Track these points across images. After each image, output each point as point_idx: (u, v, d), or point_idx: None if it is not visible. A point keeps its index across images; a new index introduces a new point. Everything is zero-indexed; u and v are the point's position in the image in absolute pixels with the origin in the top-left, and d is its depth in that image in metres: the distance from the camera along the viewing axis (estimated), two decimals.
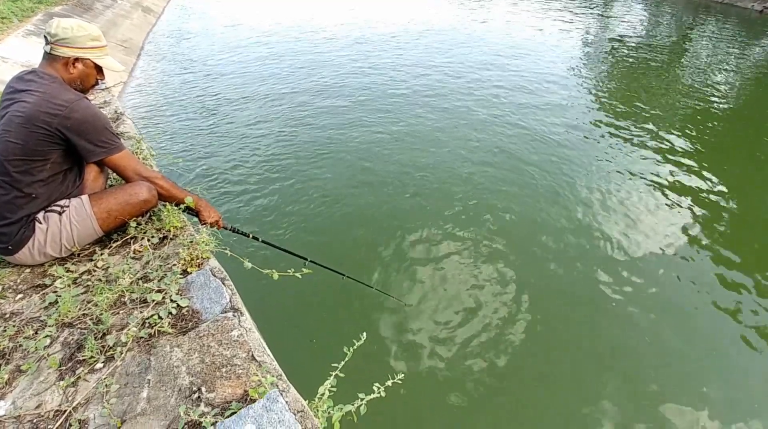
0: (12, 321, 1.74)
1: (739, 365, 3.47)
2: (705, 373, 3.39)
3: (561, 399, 3.18)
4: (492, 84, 9.02)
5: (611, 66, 11.00)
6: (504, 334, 3.60)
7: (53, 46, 1.94)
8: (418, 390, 3.15)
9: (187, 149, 6.37)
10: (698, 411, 3.10)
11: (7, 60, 6.99)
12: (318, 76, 9.29)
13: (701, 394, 3.23)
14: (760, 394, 3.25)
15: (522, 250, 4.49)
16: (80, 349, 1.60)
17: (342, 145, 6.49)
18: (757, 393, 3.26)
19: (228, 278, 1.94)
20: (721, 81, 9.92)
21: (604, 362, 3.46)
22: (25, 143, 1.82)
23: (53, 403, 1.42)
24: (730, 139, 7.28)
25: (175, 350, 1.58)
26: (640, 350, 3.54)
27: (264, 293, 3.70)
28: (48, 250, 1.98)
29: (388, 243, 4.50)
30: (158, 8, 16.23)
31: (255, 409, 1.27)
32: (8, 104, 1.88)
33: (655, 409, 3.10)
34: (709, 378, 3.35)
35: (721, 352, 3.57)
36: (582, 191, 5.45)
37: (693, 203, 5.31)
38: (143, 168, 2.13)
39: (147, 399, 1.42)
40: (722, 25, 15.80)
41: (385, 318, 3.70)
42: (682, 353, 3.52)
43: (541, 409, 3.12)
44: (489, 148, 6.45)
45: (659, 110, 8.09)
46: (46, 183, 1.94)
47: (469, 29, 13.78)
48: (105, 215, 2.05)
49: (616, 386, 3.25)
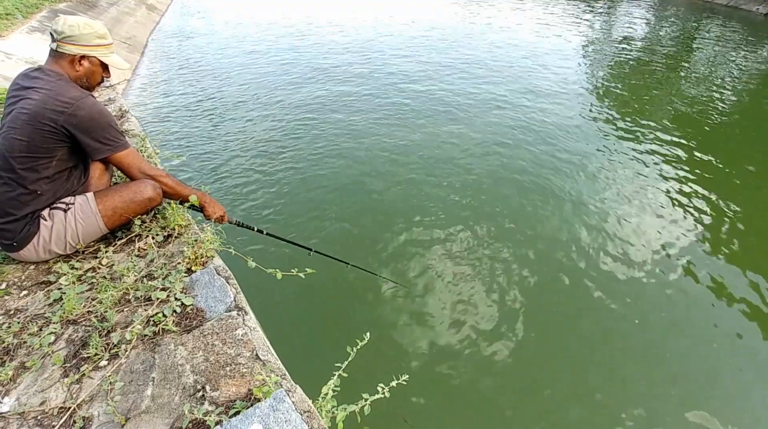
0: (17, 317, 1.74)
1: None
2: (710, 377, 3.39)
3: (565, 400, 3.17)
4: (493, 85, 9.02)
5: (615, 69, 10.98)
6: (510, 335, 3.59)
7: (59, 44, 1.94)
8: (423, 390, 3.15)
9: (191, 146, 6.38)
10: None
11: (11, 56, 7.01)
12: (323, 74, 9.32)
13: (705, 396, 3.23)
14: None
15: (531, 247, 4.50)
16: (85, 347, 1.60)
17: (346, 140, 6.52)
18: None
19: (232, 277, 1.94)
20: (725, 84, 9.90)
21: (608, 361, 3.46)
22: (30, 140, 1.82)
23: (57, 400, 1.43)
24: (734, 142, 7.25)
25: (179, 348, 1.58)
26: (643, 351, 3.55)
27: (268, 292, 3.71)
28: (53, 247, 1.98)
29: (391, 236, 4.55)
30: (162, 6, 16.26)
31: (262, 409, 1.27)
32: (14, 101, 1.88)
33: (660, 412, 3.10)
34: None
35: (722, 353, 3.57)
36: (586, 192, 5.45)
37: (696, 207, 5.29)
38: (148, 166, 2.13)
39: (151, 397, 1.42)
40: (727, 28, 15.76)
41: (391, 317, 3.70)
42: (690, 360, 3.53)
43: (544, 410, 3.11)
44: (490, 146, 6.46)
45: (663, 113, 8.07)
46: (52, 180, 1.94)
47: (473, 31, 13.78)
48: (110, 213, 2.05)
49: (617, 388, 3.25)
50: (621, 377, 3.35)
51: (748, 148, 7.01)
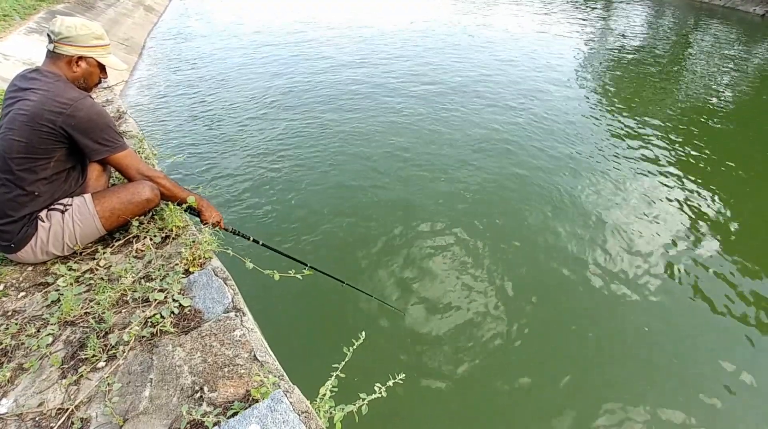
0: (14, 319, 1.74)
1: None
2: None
3: (562, 400, 3.17)
4: (492, 87, 9.04)
5: (612, 70, 11.00)
6: (504, 337, 3.60)
7: (57, 45, 1.94)
8: (419, 390, 3.15)
9: (189, 148, 6.36)
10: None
11: (9, 57, 7.00)
12: (322, 79, 9.23)
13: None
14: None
15: (525, 257, 4.48)
16: (82, 348, 1.60)
17: (346, 148, 6.44)
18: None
19: (230, 278, 1.94)
20: (723, 85, 9.92)
21: (608, 367, 3.47)
22: (28, 141, 1.82)
23: (55, 402, 1.43)
24: (732, 143, 7.27)
25: (177, 349, 1.58)
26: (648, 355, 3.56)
27: (266, 293, 3.70)
28: (50, 248, 1.98)
29: (388, 249, 4.49)
30: (160, 7, 16.25)
31: (260, 410, 1.27)
32: (12, 102, 1.89)
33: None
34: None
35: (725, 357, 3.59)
36: (583, 195, 5.45)
37: (694, 209, 5.31)
38: (146, 167, 2.13)
39: (149, 398, 1.42)
40: (724, 29, 15.80)
41: (386, 318, 3.70)
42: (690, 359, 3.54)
43: (541, 411, 3.12)
44: (489, 152, 6.45)
45: (660, 114, 8.09)
46: (50, 181, 1.94)
47: (472, 33, 13.80)
48: (108, 214, 2.05)
49: (621, 391, 3.26)
50: (624, 379, 3.35)
51: (748, 148, 7.04)
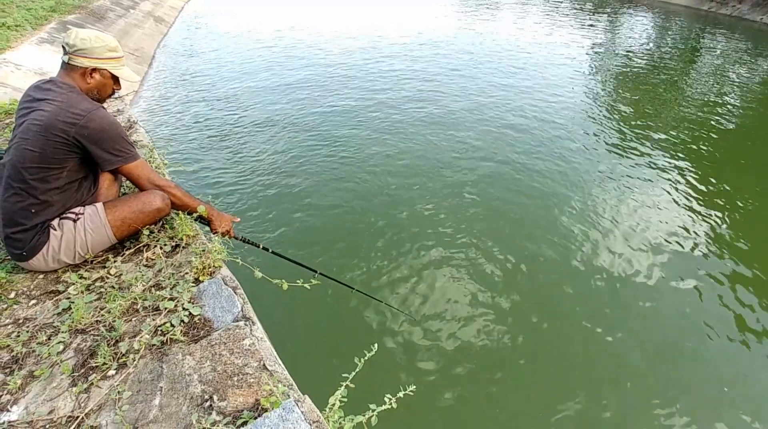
0: (25, 326, 1.76)
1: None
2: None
3: (576, 416, 3.14)
4: (496, 95, 9.06)
5: (618, 79, 11.01)
6: (515, 347, 3.58)
7: (71, 56, 1.98)
8: (430, 402, 3.13)
9: (199, 158, 6.41)
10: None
11: (20, 67, 7.10)
12: (332, 92, 9.22)
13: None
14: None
15: (536, 264, 4.48)
16: (93, 356, 1.61)
17: (355, 161, 6.45)
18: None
19: (240, 287, 1.95)
20: (729, 94, 9.91)
21: (623, 377, 3.44)
22: (42, 151, 1.84)
23: (66, 409, 1.43)
24: (738, 153, 7.24)
25: (187, 358, 1.59)
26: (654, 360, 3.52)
27: (275, 302, 3.70)
28: (62, 256, 2.00)
29: (399, 256, 4.49)
30: (170, 18, 16.46)
31: (271, 419, 1.27)
32: (26, 113, 1.91)
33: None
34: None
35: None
36: (589, 203, 5.45)
37: (700, 217, 5.28)
38: (157, 177, 2.15)
39: (159, 406, 1.42)
40: (730, 39, 15.79)
41: (397, 328, 3.69)
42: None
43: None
44: (496, 159, 6.47)
45: (666, 124, 8.08)
46: (62, 190, 1.96)
47: (476, 41, 13.86)
48: (119, 223, 2.07)
49: (628, 396, 3.23)
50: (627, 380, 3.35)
51: (755, 157, 7.01)
